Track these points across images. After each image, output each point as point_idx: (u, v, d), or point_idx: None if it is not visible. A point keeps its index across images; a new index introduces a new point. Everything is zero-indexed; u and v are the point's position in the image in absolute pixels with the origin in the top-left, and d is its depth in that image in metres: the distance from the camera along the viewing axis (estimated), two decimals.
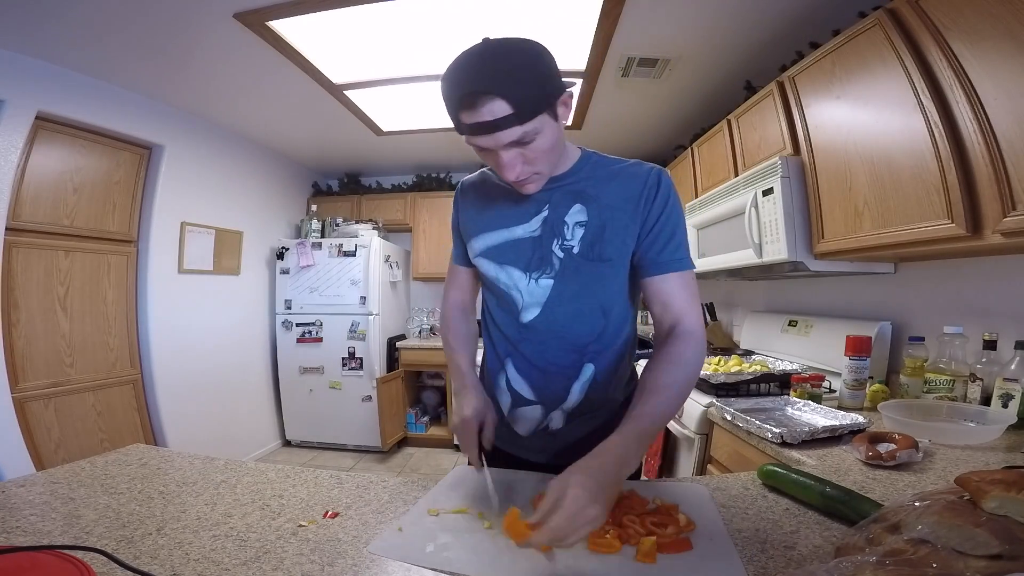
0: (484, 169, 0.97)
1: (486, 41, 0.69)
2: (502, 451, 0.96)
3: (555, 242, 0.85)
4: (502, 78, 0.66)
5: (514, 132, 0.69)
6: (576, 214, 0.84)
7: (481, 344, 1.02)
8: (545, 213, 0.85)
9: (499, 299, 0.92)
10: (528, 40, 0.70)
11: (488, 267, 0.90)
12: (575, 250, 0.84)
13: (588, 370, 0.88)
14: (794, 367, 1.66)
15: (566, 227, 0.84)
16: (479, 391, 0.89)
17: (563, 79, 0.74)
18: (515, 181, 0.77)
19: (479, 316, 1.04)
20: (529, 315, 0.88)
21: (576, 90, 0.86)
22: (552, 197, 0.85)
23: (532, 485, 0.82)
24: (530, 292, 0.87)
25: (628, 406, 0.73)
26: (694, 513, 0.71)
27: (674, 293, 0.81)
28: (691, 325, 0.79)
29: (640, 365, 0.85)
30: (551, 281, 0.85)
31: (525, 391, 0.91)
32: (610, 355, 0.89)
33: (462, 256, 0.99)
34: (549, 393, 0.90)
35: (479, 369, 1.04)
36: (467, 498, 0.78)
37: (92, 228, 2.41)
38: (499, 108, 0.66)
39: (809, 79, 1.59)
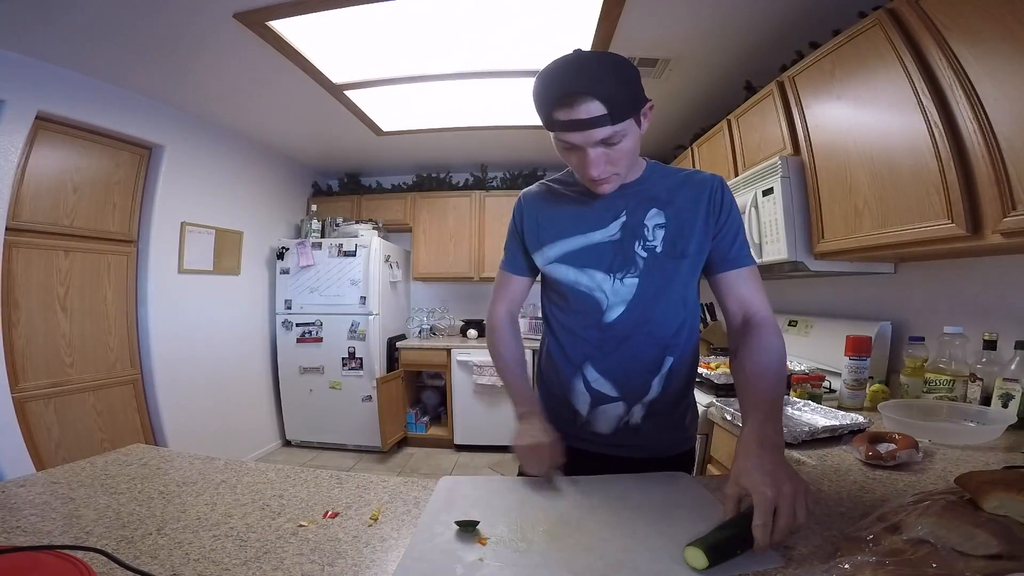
0: (545, 180, 1.02)
1: (579, 52, 0.76)
2: (584, 451, 0.97)
3: (637, 244, 0.90)
4: (598, 81, 0.73)
5: (605, 131, 0.75)
6: (654, 217, 0.90)
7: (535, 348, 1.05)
8: (624, 218, 0.91)
9: (578, 302, 0.94)
10: (617, 55, 0.77)
11: (566, 272, 0.94)
12: (658, 249, 0.90)
13: (668, 362, 0.93)
14: (801, 368, 1.65)
15: (646, 229, 0.90)
16: (547, 420, 0.91)
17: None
18: (596, 179, 0.82)
19: (542, 323, 1.06)
20: (613, 314, 0.91)
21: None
22: (628, 203, 0.91)
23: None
24: (615, 292, 0.91)
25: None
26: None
27: (746, 286, 0.90)
28: (765, 314, 0.88)
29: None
30: (636, 279, 0.90)
31: (608, 389, 0.94)
32: (686, 346, 0.95)
33: (521, 265, 1.03)
34: (632, 388, 0.93)
35: (536, 370, 1.09)
36: (469, 513, 0.73)
37: (92, 228, 2.41)
38: (594, 108, 0.73)
39: (809, 79, 1.59)
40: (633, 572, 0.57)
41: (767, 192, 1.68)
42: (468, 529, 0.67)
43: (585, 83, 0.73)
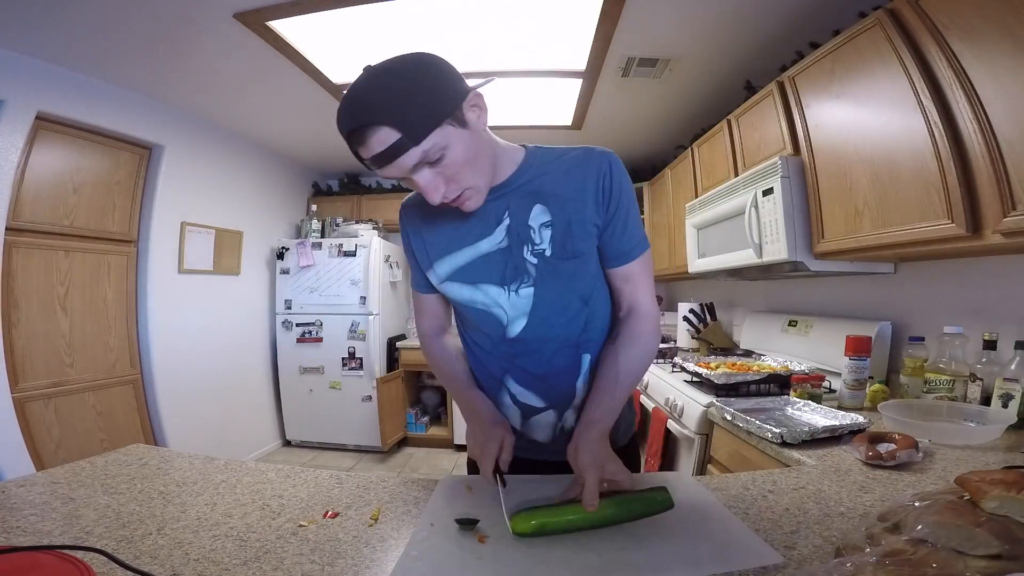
0: None
1: (366, 70, 0.66)
2: (525, 460, 0.93)
3: (525, 248, 0.81)
4: (379, 105, 0.63)
5: (412, 155, 0.65)
6: (539, 215, 0.81)
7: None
8: (507, 221, 0.82)
9: (479, 319, 0.87)
10: (410, 56, 0.67)
11: (460, 290, 0.86)
12: (547, 252, 0.81)
13: (586, 360, 0.88)
14: (801, 368, 1.65)
15: (532, 231, 0.81)
16: (491, 413, 0.87)
17: (466, 82, 0.71)
18: (446, 203, 0.74)
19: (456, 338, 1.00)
20: (516, 328, 0.85)
21: (492, 87, 0.85)
22: (510, 203, 0.82)
23: (549, 489, 0.79)
24: (512, 305, 0.84)
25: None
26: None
27: (634, 280, 0.86)
28: (646, 308, 0.86)
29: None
30: (531, 289, 0.83)
31: (533, 400, 0.90)
32: (601, 339, 0.89)
33: (424, 283, 0.93)
34: (558, 395, 0.89)
35: None
36: (469, 511, 0.73)
37: (92, 228, 2.42)
38: (387, 136, 0.63)
39: (809, 79, 1.59)
40: (631, 570, 0.57)
41: (767, 192, 1.68)
42: (468, 527, 0.67)
43: (366, 112, 0.63)
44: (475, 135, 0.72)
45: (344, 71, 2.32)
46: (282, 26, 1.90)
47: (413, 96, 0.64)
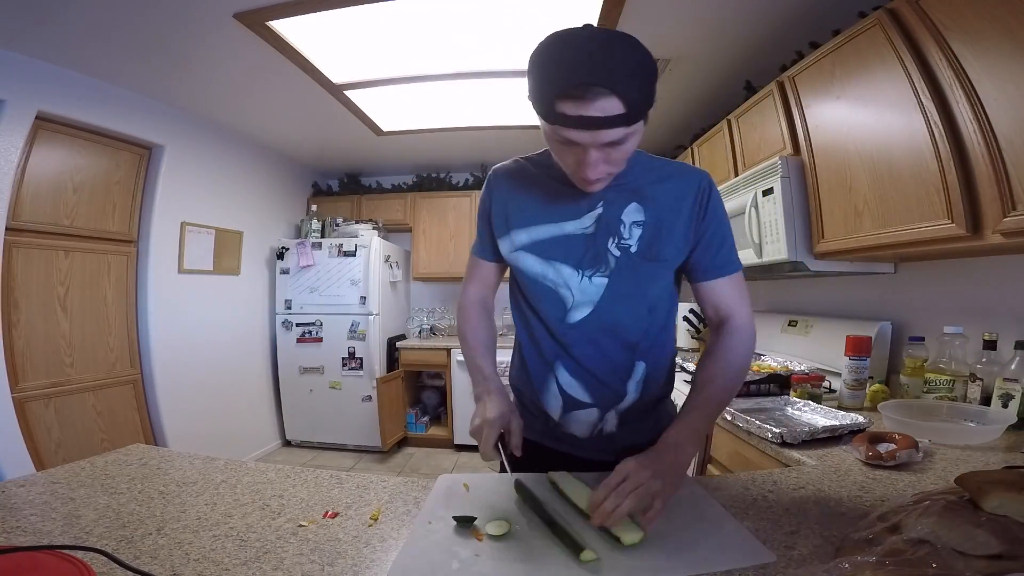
0: (520, 158, 0.93)
1: (591, 29, 0.63)
2: (554, 451, 0.94)
3: (611, 240, 0.82)
4: (622, 76, 0.61)
5: (617, 133, 0.65)
6: (633, 213, 0.82)
7: (507, 343, 0.97)
8: (600, 211, 0.83)
9: (542, 298, 0.87)
10: (640, 42, 0.64)
11: (532, 263, 0.86)
12: (632, 249, 0.82)
13: (640, 368, 0.87)
14: (801, 368, 1.65)
15: (623, 226, 0.82)
16: (503, 395, 0.85)
17: None
18: (591, 180, 0.74)
19: (510, 314, 0.99)
20: (579, 314, 0.85)
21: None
22: (607, 194, 0.82)
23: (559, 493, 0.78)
24: (582, 290, 0.84)
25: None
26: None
27: (726, 295, 0.86)
28: (743, 320, 0.85)
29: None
30: (606, 279, 0.83)
31: (580, 394, 0.88)
32: (659, 352, 0.90)
33: (489, 249, 0.94)
34: (606, 394, 0.88)
35: (508, 369, 1.02)
36: (467, 509, 0.73)
37: (92, 228, 2.41)
38: (611, 106, 0.62)
39: (809, 79, 1.59)
40: (627, 570, 0.57)
41: (767, 192, 1.68)
42: (465, 524, 0.67)
43: (604, 74, 0.60)
44: (641, 135, 0.73)
45: (344, 71, 2.32)
46: (282, 26, 1.90)
47: (647, 85, 0.64)
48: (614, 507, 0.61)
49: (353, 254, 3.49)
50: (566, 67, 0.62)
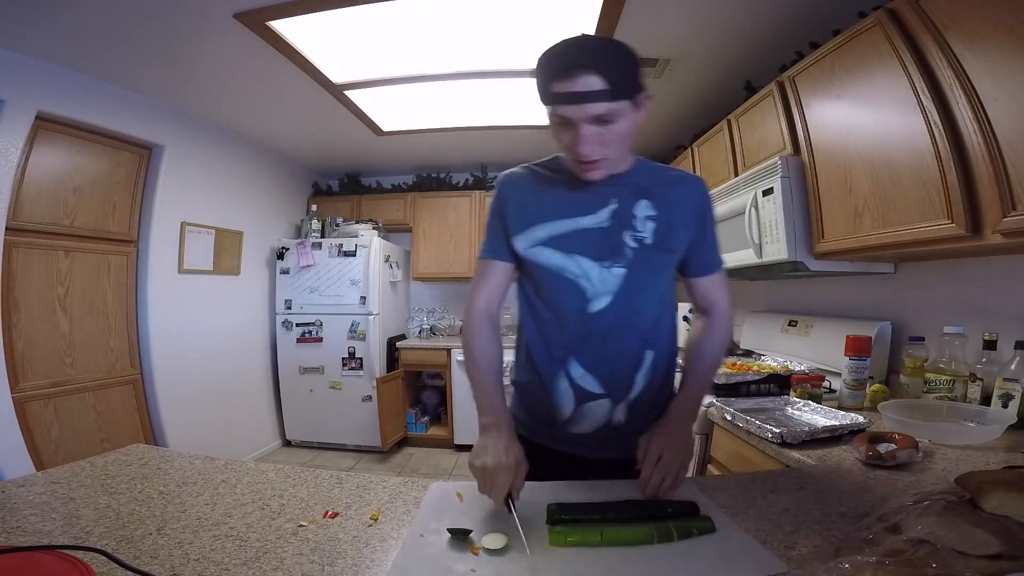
0: (527, 164, 0.98)
1: (584, 35, 0.77)
2: (563, 453, 0.95)
3: (626, 234, 0.89)
4: (599, 56, 0.73)
5: (601, 107, 0.74)
6: (644, 208, 0.90)
7: (507, 343, 0.97)
8: (614, 206, 0.89)
9: (561, 291, 0.90)
10: (621, 40, 0.78)
11: (552, 256, 0.90)
12: (648, 241, 0.89)
13: (649, 356, 0.93)
14: (801, 368, 1.65)
15: (636, 220, 0.89)
16: (514, 436, 0.82)
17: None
18: (585, 160, 0.80)
19: (510, 314, 1.02)
20: (598, 304, 0.89)
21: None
22: (619, 192, 0.89)
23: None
24: (602, 281, 0.89)
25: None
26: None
27: (716, 288, 0.98)
28: (725, 309, 0.98)
29: None
30: (624, 270, 0.89)
31: (592, 386, 0.92)
32: (665, 340, 0.96)
33: (501, 249, 0.95)
34: (618, 384, 0.92)
35: (510, 371, 1.03)
36: (460, 521, 0.71)
37: (92, 228, 2.41)
38: (592, 82, 0.73)
39: (809, 79, 1.59)
40: None
41: (767, 192, 1.68)
42: (460, 538, 0.65)
43: (585, 56, 0.73)
44: (635, 121, 0.82)
45: (344, 71, 2.32)
46: (282, 26, 1.90)
47: (626, 66, 0.76)
48: (661, 481, 0.77)
49: (353, 254, 3.49)
50: (557, 56, 0.76)
